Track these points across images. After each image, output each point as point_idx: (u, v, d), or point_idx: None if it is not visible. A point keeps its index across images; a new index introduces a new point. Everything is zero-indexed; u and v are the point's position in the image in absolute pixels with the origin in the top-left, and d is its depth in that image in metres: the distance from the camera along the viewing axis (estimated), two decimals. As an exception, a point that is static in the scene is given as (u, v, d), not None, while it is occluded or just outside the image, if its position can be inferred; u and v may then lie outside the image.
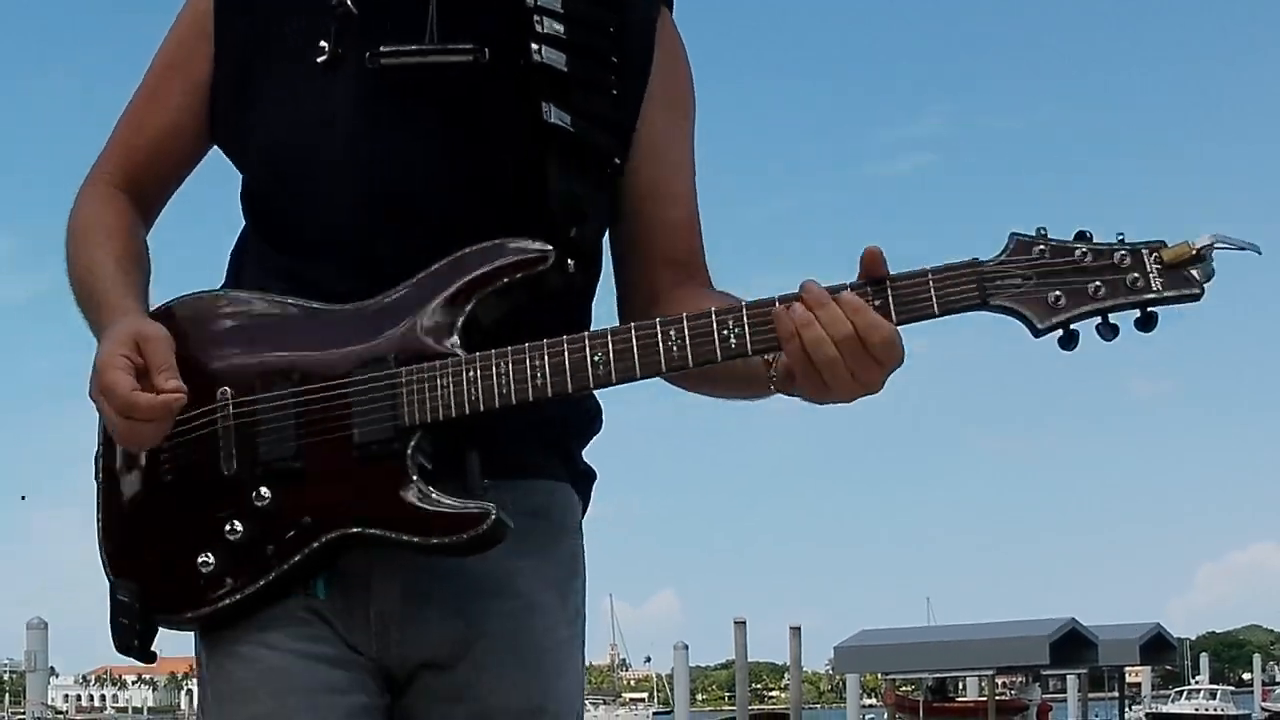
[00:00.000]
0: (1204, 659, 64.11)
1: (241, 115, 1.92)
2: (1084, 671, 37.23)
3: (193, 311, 1.86)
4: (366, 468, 1.75)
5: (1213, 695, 50.44)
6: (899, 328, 1.68)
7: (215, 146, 1.98)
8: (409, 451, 1.75)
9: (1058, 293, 1.64)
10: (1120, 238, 1.66)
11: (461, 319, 1.77)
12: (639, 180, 1.91)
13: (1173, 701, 50.45)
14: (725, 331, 1.70)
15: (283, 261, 1.88)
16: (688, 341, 1.71)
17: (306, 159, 1.86)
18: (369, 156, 1.83)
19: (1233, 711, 48.97)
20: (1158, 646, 35.07)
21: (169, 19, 2.02)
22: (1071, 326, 1.65)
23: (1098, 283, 1.64)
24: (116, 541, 1.85)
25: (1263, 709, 51.99)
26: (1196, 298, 1.63)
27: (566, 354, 1.73)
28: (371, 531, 1.74)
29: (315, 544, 1.76)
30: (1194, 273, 1.63)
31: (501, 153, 1.85)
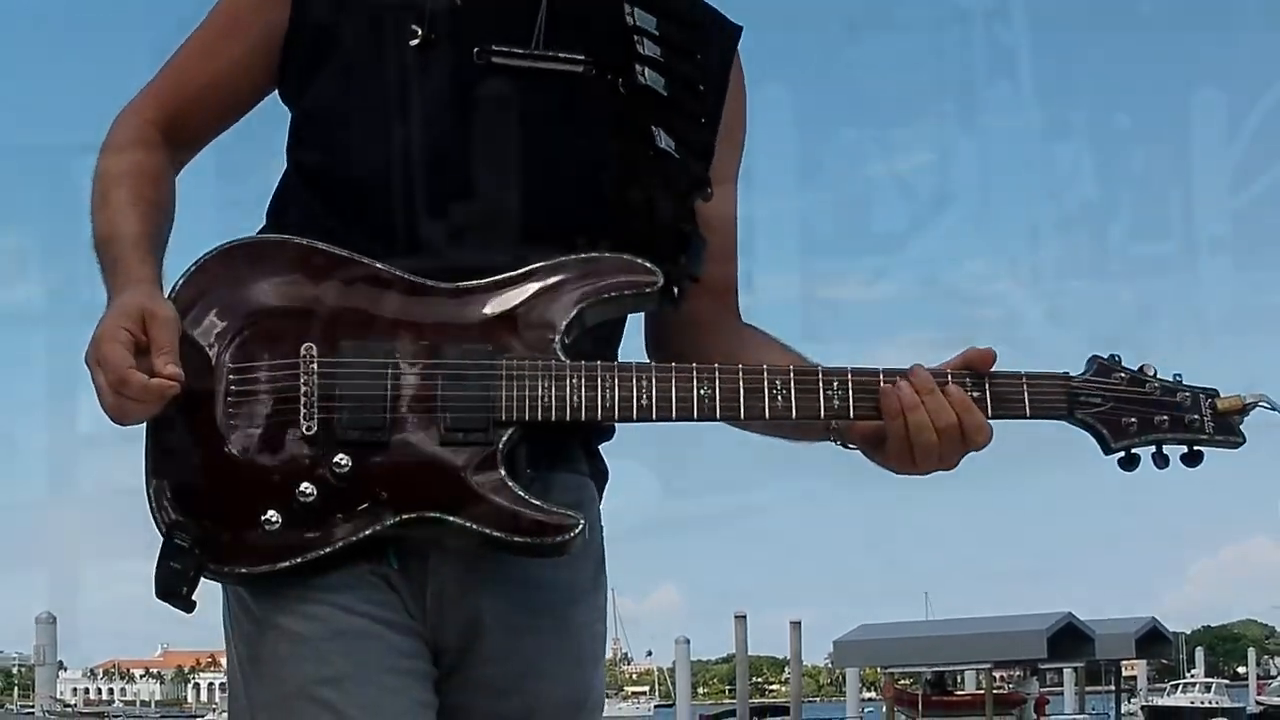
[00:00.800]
0: (1199, 653, 64.29)
1: (315, 74, 1.89)
2: (1081, 665, 37.53)
3: (279, 255, 1.81)
4: (454, 453, 1.73)
5: (1207, 688, 50.46)
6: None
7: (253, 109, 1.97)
8: (500, 445, 1.74)
9: (1132, 419, 1.82)
10: (1177, 377, 1.85)
11: (565, 322, 1.77)
12: (700, 208, 1.92)
13: (1168, 695, 50.63)
14: (830, 392, 1.79)
15: (332, 224, 1.83)
16: (793, 394, 1.78)
17: (384, 136, 1.84)
18: (458, 147, 1.82)
19: (1227, 704, 49.12)
20: (1153, 640, 35.08)
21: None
22: (1134, 450, 1.82)
23: (1164, 416, 1.82)
24: (170, 484, 1.77)
25: (1257, 703, 52.20)
26: (1238, 445, 1.83)
27: (674, 382, 1.77)
28: (451, 519, 1.73)
29: (390, 520, 1.73)
30: (1239, 422, 1.83)
31: (601, 168, 1.85)
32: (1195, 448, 1.83)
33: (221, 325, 1.78)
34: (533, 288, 1.78)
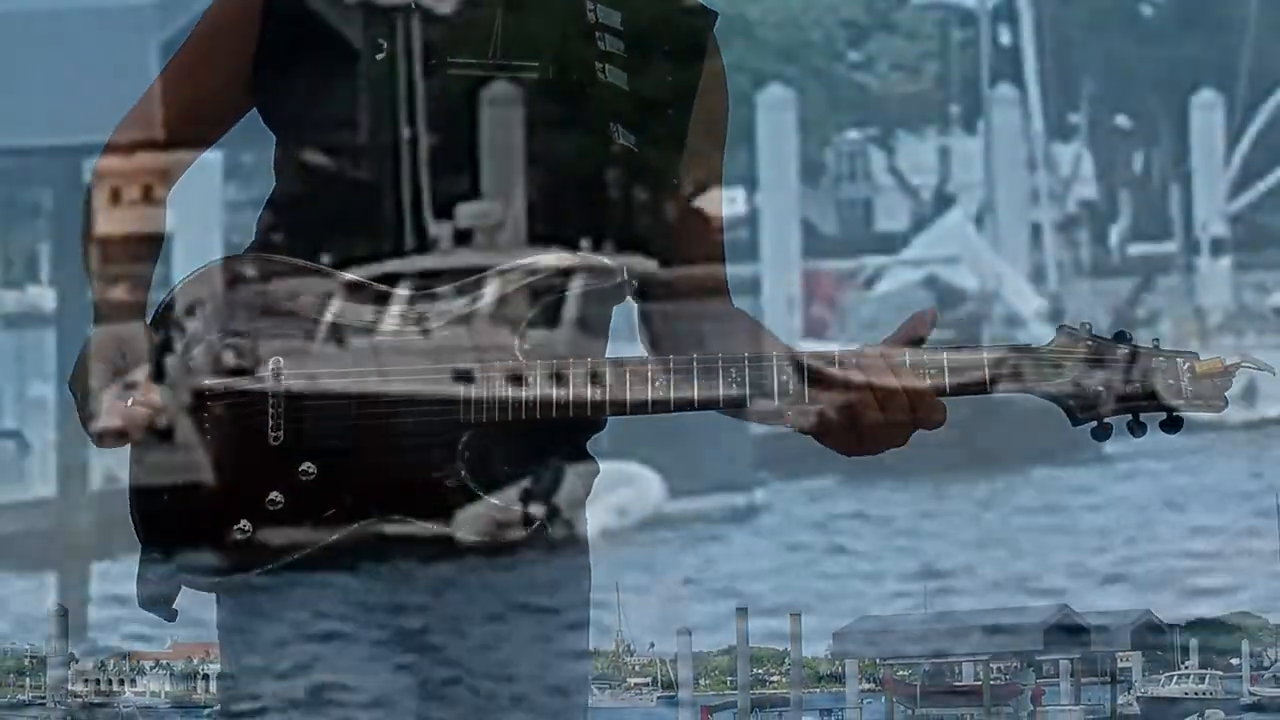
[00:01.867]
0: (1194, 644, 64.19)
1: (287, 92, 1.91)
2: (1077, 657, 37.85)
3: (246, 272, 1.85)
4: (415, 456, 1.77)
5: (1202, 679, 50.55)
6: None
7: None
8: (460, 447, 1.77)
9: (1100, 388, 1.74)
10: (1156, 343, 1.77)
11: (524, 321, 1.80)
12: (686, 207, 1.93)
13: (1163, 685, 50.63)
14: (785, 377, 1.78)
15: (306, 238, 1.86)
16: (747, 379, 1.78)
17: (350, 150, 1.86)
18: (417, 158, 1.84)
19: (1222, 695, 49.13)
20: (1149, 632, 35.43)
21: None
22: (1106, 420, 1.75)
23: (1136, 384, 1.74)
24: (147, 496, 1.82)
25: (1251, 693, 52.31)
26: (1219, 409, 1.75)
27: (628, 375, 1.79)
28: (415, 520, 1.78)
29: (355, 524, 1.77)
30: (1221, 386, 1.75)
31: (564, 171, 1.87)
32: (1174, 414, 1.75)
33: (199, 342, 1.83)
34: (494, 290, 1.81)
